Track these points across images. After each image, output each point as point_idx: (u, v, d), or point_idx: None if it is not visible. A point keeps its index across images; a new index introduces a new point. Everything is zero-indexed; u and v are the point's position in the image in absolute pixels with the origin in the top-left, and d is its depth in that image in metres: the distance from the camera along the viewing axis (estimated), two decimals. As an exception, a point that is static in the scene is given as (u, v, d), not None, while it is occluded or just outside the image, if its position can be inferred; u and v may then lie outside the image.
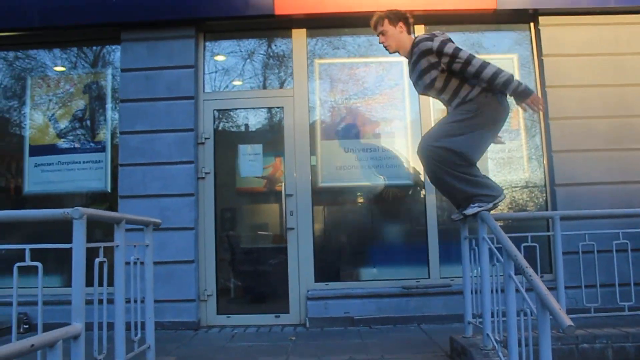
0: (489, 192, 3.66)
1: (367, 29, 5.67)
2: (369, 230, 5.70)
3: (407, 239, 5.65)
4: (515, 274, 2.88)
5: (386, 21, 3.92)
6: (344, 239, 5.75)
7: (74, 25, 5.72)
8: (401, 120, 5.76)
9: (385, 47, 3.92)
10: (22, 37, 5.97)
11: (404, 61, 5.69)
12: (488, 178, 3.82)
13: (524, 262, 2.75)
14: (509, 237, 3.04)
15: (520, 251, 2.94)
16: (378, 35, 3.97)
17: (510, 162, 5.68)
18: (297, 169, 5.58)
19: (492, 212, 3.67)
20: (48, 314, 2.62)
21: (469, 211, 3.64)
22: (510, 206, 5.64)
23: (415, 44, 3.74)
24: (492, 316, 3.49)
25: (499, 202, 3.69)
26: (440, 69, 3.64)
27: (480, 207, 3.60)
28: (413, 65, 3.83)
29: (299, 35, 5.76)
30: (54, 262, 5.36)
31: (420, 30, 5.69)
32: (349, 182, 5.64)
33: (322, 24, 5.78)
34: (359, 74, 5.82)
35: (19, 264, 2.63)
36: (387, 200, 5.64)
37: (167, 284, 5.23)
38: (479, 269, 3.66)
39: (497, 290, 3.50)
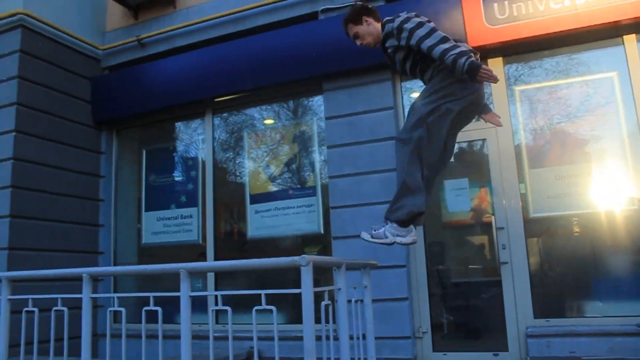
0: None
1: (568, 48, 5.48)
2: (591, 261, 5.27)
3: (638, 269, 5.12)
4: None
5: (351, 25, 3.63)
6: (563, 271, 5.38)
7: (281, 83, 6.26)
8: (616, 139, 5.28)
9: (366, 47, 3.62)
10: (237, 99, 6.73)
11: (614, 76, 5.36)
12: None
13: None
14: None
15: None
16: (355, 41, 3.68)
17: None
18: (506, 201, 5.41)
19: None
20: (274, 349, 2.88)
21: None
22: None
23: (382, 28, 3.46)
24: None
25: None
26: (405, 49, 3.37)
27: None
28: (384, 51, 3.56)
29: (496, 64, 5.64)
30: (275, 299, 5.81)
31: (630, 41, 5.27)
32: (564, 211, 5.29)
33: (518, 50, 5.61)
34: (563, 96, 5.50)
35: (257, 307, 2.93)
36: (608, 227, 5.18)
37: (383, 321, 5.34)
38: None
39: None
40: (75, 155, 7.01)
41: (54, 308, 3.51)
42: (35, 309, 3.60)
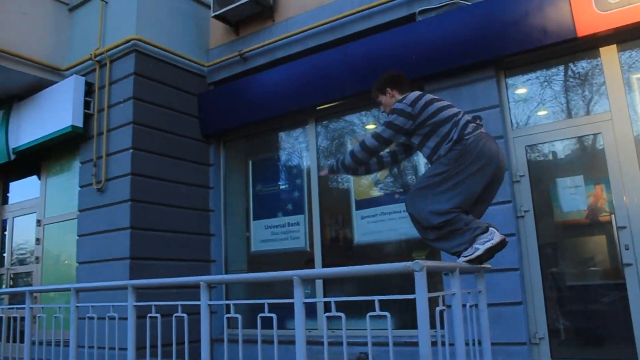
0: None
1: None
2: None
3: None
4: None
5: (377, 93, 3.73)
6: (698, 272, 4.94)
7: (380, 87, 6.24)
8: None
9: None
10: (338, 106, 6.79)
11: None
12: None
13: None
14: None
15: None
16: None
17: None
18: (628, 198, 5.04)
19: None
20: (383, 355, 2.82)
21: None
22: None
23: None
24: None
25: None
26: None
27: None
28: None
29: (609, 52, 5.31)
30: (382, 304, 5.77)
31: None
32: (696, 207, 4.87)
33: (634, 35, 5.22)
34: (690, 80, 5.08)
35: (370, 313, 2.91)
36: None
37: (497, 326, 5.14)
38: None
39: None
40: (186, 169, 7.38)
41: (175, 314, 3.69)
42: (158, 315, 3.79)
